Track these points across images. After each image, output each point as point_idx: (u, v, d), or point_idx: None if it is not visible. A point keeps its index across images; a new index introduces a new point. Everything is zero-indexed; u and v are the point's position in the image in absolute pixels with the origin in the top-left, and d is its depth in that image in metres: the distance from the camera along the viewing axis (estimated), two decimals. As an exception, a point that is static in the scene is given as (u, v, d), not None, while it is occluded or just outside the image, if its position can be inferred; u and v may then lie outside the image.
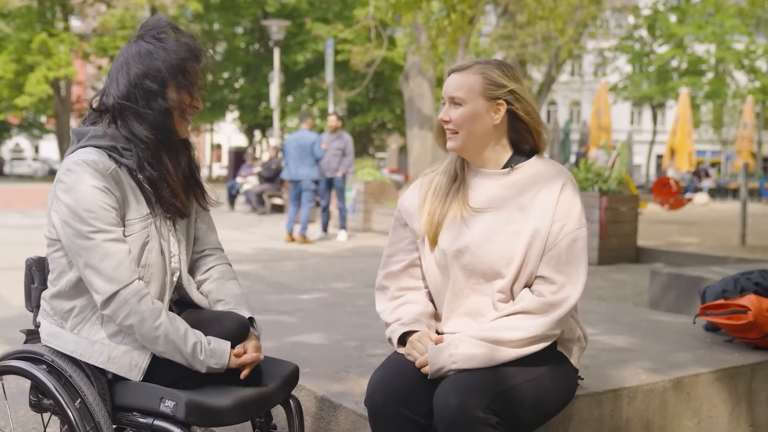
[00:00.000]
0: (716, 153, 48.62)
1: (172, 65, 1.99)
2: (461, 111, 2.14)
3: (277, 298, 4.50)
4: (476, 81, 2.14)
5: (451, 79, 2.18)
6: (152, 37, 2.03)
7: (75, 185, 1.91)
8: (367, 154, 34.78)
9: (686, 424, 2.68)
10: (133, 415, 1.95)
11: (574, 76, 47.92)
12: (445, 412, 1.89)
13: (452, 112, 2.16)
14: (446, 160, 2.29)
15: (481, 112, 2.14)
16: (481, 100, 2.14)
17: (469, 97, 2.14)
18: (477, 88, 2.14)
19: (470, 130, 2.15)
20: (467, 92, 2.14)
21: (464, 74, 2.16)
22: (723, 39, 35.68)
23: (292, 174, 11.04)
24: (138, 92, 1.98)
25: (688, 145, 20.36)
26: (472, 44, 23.21)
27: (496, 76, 2.14)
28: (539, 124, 2.20)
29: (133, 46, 2.03)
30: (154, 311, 1.93)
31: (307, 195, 11.07)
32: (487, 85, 2.14)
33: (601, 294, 6.88)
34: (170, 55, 1.99)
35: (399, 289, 2.26)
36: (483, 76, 2.14)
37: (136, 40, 2.04)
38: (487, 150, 2.19)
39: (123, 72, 2.00)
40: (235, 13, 34.90)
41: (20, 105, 32.58)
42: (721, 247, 9.89)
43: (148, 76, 1.97)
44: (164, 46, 2.00)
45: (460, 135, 2.16)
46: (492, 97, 2.14)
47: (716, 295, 3.39)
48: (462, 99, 2.14)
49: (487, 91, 2.14)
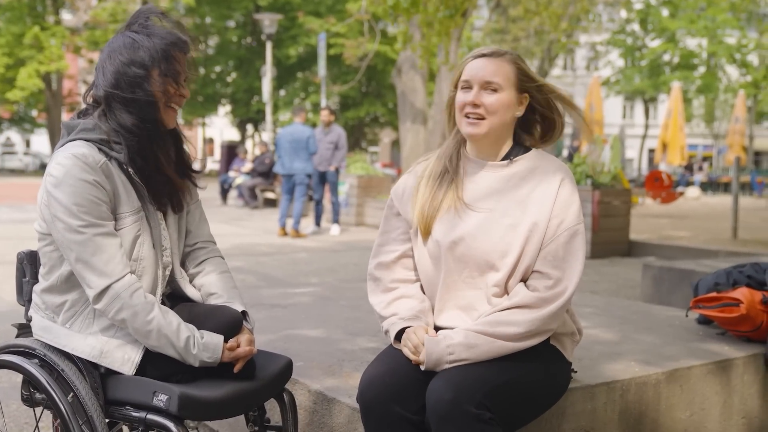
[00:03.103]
0: (708, 147, 48.76)
1: (156, 52, 1.97)
2: (497, 97, 2.11)
3: (270, 292, 4.49)
4: (511, 70, 2.12)
5: (484, 63, 2.12)
6: (139, 25, 2.02)
7: (65, 179, 1.89)
8: (359, 148, 34.69)
9: (679, 416, 2.69)
10: (125, 409, 1.94)
11: (566, 70, 47.93)
12: (437, 407, 1.88)
13: (485, 97, 2.11)
14: (440, 148, 2.27)
15: (512, 102, 2.13)
16: (514, 91, 2.12)
17: (506, 85, 2.11)
18: (512, 77, 2.12)
19: (500, 119, 2.12)
20: (504, 79, 2.11)
21: (500, 61, 2.12)
22: (715, 33, 35.72)
23: (287, 168, 11.00)
24: (124, 79, 1.96)
25: (680, 139, 20.41)
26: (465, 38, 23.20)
27: (526, 68, 2.14)
28: (559, 120, 2.19)
29: (120, 36, 2.02)
30: (146, 305, 1.92)
31: (300, 189, 11.06)
32: (521, 76, 2.13)
33: (593, 287, 6.89)
34: (154, 42, 1.98)
35: (392, 281, 2.24)
36: (516, 67, 2.13)
37: (124, 30, 2.03)
38: (501, 140, 2.18)
39: (109, 61, 1.99)
40: (227, 6, 34.75)
41: (11, 99, 32.38)
42: (712, 241, 9.93)
43: (133, 63, 1.96)
44: (149, 33, 1.99)
45: (487, 121, 2.11)
46: (522, 89, 2.13)
47: (709, 288, 3.40)
48: (499, 85, 2.10)
49: (520, 83, 2.13)
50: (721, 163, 40.65)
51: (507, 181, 2.15)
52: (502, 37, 25.90)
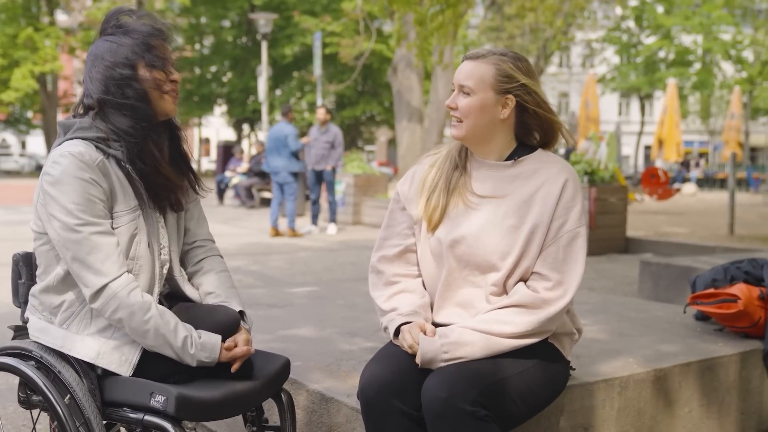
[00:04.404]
0: (704, 143, 48.81)
1: (137, 46, 1.98)
2: (468, 101, 2.10)
3: (268, 291, 4.49)
4: (488, 72, 2.09)
5: (464, 65, 2.13)
6: (113, 27, 2.02)
7: (61, 177, 1.89)
8: (356, 147, 34.71)
9: (678, 412, 2.69)
10: (123, 410, 1.93)
11: (562, 67, 47.96)
12: (432, 404, 1.88)
13: (460, 101, 2.12)
14: (448, 146, 2.26)
15: (488, 105, 2.10)
16: (491, 93, 2.09)
17: (479, 88, 2.09)
18: (488, 79, 2.09)
19: (475, 121, 2.11)
20: (477, 82, 2.09)
21: (477, 63, 2.11)
22: (710, 29, 35.80)
23: (270, 166, 11.15)
24: (113, 83, 1.96)
25: (676, 135, 20.44)
26: (461, 36, 23.19)
27: (508, 68, 2.09)
28: (553, 118, 2.16)
29: (99, 43, 2.02)
30: (143, 305, 1.91)
31: (288, 188, 11.07)
32: (499, 77, 2.09)
33: (590, 284, 6.89)
34: (132, 38, 1.99)
35: (394, 275, 2.23)
36: (496, 68, 2.09)
37: (99, 37, 2.04)
38: (491, 142, 2.15)
39: (95, 69, 1.99)
40: (223, 6, 34.69)
41: (6, 100, 32.30)
42: (709, 237, 9.95)
43: (117, 64, 1.96)
44: (125, 31, 2.00)
45: (465, 124, 2.12)
46: (502, 91, 2.09)
47: (706, 284, 3.40)
48: (471, 89, 2.10)
49: (498, 84, 2.09)
50: (717, 159, 40.77)
51: (511, 181, 2.14)
52: (497, 35, 25.91)
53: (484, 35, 27.64)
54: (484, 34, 27.64)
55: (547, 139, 2.21)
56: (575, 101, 41.87)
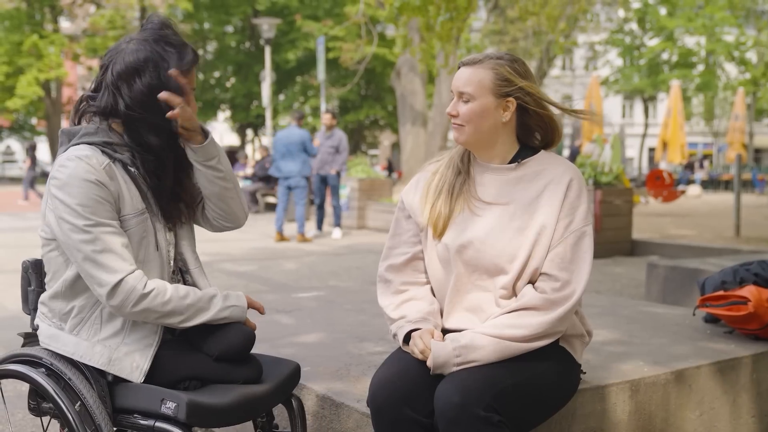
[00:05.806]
0: (708, 145, 48.76)
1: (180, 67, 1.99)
2: (469, 107, 2.11)
3: (275, 297, 4.48)
4: (486, 77, 2.10)
5: (462, 72, 2.14)
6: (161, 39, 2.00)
7: (69, 180, 1.89)
8: (360, 152, 34.71)
9: (689, 416, 2.68)
10: (134, 417, 1.93)
11: (565, 70, 47.95)
12: (446, 410, 1.87)
13: (460, 107, 2.12)
14: (450, 151, 2.26)
15: (489, 109, 2.10)
16: (491, 97, 2.10)
17: (478, 94, 2.10)
18: (487, 84, 2.09)
19: (477, 127, 2.11)
20: (476, 88, 2.10)
21: (475, 69, 2.12)
22: (713, 31, 35.72)
23: (281, 171, 11.03)
24: (152, 102, 1.96)
25: (680, 137, 20.40)
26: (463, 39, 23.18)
27: (507, 72, 2.10)
28: (553, 119, 2.16)
29: (142, 49, 1.98)
30: (160, 287, 1.94)
31: (298, 193, 11.03)
32: (498, 81, 2.09)
33: (597, 287, 6.88)
34: (180, 63, 1.99)
35: (403, 283, 2.23)
36: (494, 72, 2.10)
37: (144, 39, 2.00)
38: (494, 145, 2.16)
39: (136, 78, 1.97)
40: (225, 11, 34.74)
41: (11, 107, 32.37)
42: (716, 239, 9.92)
43: (162, 86, 1.97)
44: (172, 52, 1.99)
45: (466, 129, 2.12)
46: (502, 94, 2.10)
47: (716, 286, 3.39)
48: (470, 95, 2.10)
49: (497, 88, 2.09)
50: (722, 160, 40.68)
51: (515, 183, 2.14)
52: (500, 39, 25.90)
53: (487, 38, 27.64)
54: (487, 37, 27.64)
55: (549, 139, 2.21)
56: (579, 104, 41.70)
